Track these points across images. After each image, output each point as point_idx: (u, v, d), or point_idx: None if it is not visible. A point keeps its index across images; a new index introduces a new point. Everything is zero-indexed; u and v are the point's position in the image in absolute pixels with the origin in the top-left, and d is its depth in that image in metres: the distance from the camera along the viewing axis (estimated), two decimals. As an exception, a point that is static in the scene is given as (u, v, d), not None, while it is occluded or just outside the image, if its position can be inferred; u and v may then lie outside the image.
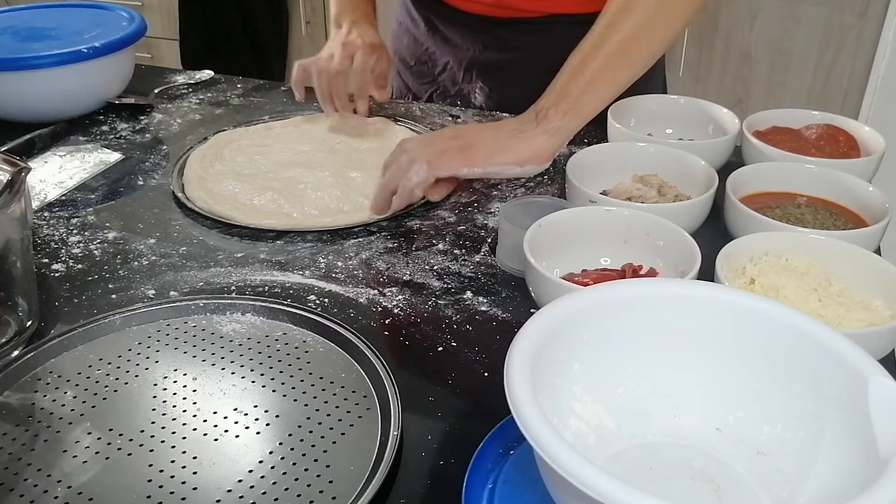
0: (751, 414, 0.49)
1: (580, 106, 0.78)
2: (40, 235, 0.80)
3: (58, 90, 1.02)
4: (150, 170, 0.94)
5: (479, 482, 0.50)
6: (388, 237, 0.80)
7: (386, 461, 0.51)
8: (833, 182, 0.79)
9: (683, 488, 0.47)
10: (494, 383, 0.60)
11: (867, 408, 0.41)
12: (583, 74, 0.77)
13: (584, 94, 0.77)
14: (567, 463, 0.36)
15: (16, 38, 1.07)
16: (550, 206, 0.74)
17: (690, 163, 0.82)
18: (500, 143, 0.79)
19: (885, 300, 0.63)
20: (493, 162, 0.78)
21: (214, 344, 0.63)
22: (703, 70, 2.20)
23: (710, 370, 0.50)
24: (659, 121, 0.97)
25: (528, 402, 0.39)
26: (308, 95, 1.06)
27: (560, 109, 0.77)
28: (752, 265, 0.67)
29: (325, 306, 0.69)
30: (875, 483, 0.37)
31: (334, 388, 0.59)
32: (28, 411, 0.57)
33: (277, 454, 0.53)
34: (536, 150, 0.78)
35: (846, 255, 0.66)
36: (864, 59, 2.03)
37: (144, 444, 0.54)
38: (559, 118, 0.77)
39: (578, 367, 0.48)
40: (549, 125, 0.77)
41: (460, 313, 0.69)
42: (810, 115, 0.94)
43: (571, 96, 0.77)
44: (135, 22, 1.10)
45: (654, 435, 0.50)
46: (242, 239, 0.80)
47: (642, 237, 0.71)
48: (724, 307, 0.49)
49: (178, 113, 1.09)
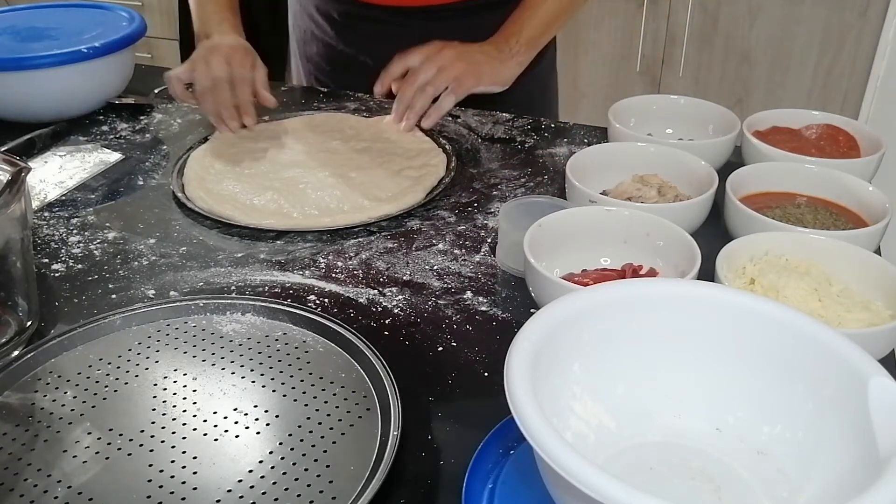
0: (751, 414, 0.49)
1: (538, 44, 1.02)
2: (40, 235, 0.80)
3: (58, 90, 1.02)
4: (150, 170, 0.94)
5: (479, 482, 0.50)
6: (388, 237, 0.80)
7: (386, 461, 0.51)
8: (833, 182, 0.79)
9: (683, 488, 0.47)
10: (494, 383, 0.60)
11: (867, 408, 0.41)
12: (539, 18, 1.01)
13: (542, 35, 1.02)
14: (567, 463, 0.36)
15: (16, 38, 1.07)
16: (550, 206, 0.74)
17: (690, 163, 0.82)
18: (492, 65, 0.98)
19: (885, 300, 0.63)
20: (490, 81, 0.98)
21: (214, 344, 0.63)
22: (703, 70, 2.20)
23: (711, 370, 0.50)
24: (659, 121, 0.97)
25: (528, 402, 0.39)
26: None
27: (528, 47, 1.00)
28: (752, 265, 0.67)
29: (325, 306, 0.69)
30: (875, 483, 0.37)
31: (334, 388, 0.59)
32: (28, 411, 0.57)
33: (277, 454, 0.53)
34: (512, 75, 1.00)
35: (846, 255, 0.66)
36: (864, 59, 2.03)
37: (144, 444, 0.54)
38: (525, 54, 1.00)
39: (578, 367, 0.48)
40: (520, 57, 1.00)
41: (460, 313, 0.69)
42: (810, 115, 0.94)
43: (534, 37, 1.01)
44: (135, 22, 1.10)
45: (654, 435, 0.50)
46: (242, 239, 0.80)
47: (642, 237, 0.71)
48: (724, 307, 0.49)
49: (178, 113, 1.09)
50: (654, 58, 2.23)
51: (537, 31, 1.00)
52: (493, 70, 0.97)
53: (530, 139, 1.01)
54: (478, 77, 0.96)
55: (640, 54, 2.23)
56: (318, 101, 1.13)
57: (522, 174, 0.93)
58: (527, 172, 0.93)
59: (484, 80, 0.96)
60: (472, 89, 0.96)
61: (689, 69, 2.22)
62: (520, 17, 1.01)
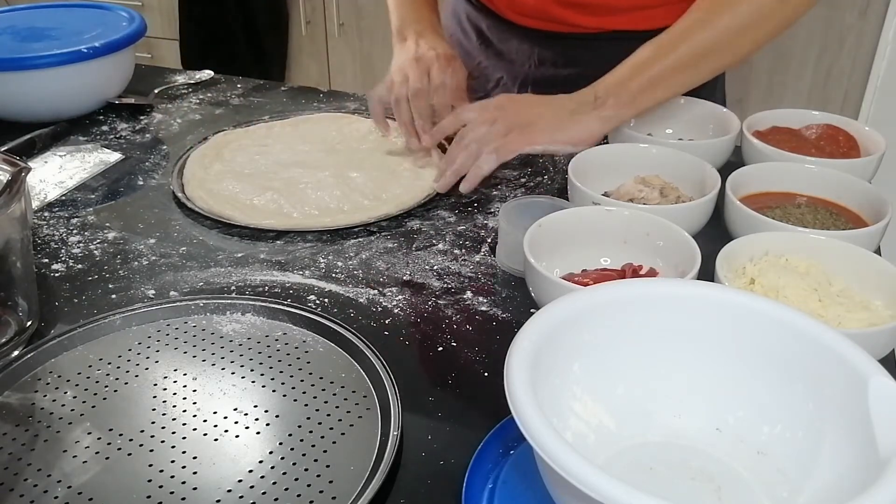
0: (751, 414, 0.49)
1: (638, 102, 0.83)
2: (40, 235, 0.80)
3: (58, 90, 1.02)
4: (150, 170, 0.94)
5: (479, 482, 0.50)
6: (388, 237, 0.80)
7: (386, 461, 0.51)
8: (833, 182, 0.79)
9: (683, 488, 0.47)
10: (494, 383, 0.60)
11: (867, 408, 0.41)
12: (648, 72, 0.82)
13: (645, 91, 0.82)
14: (567, 463, 0.36)
15: (16, 38, 1.07)
16: (550, 206, 0.74)
17: (692, 164, 0.82)
18: (559, 122, 0.83)
19: (885, 300, 0.63)
20: (552, 140, 0.83)
21: (214, 344, 0.63)
22: (703, 70, 2.20)
23: (711, 370, 0.50)
24: (659, 121, 0.97)
25: (528, 402, 0.39)
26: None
27: (620, 100, 0.82)
28: (752, 265, 0.67)
29: (325, 306, 0.69)
30: (875, 483, 0.37)
31: (334, 388, 0.59)
32: (28, 411, 0.57)
33: (277, 454, 0.53)
34: (591, 133, 0.83)
35: (846, 255, 0.66)
36: (864, 59, 2.03)
37: (144, 444, 0.54)
38: (616, 108, 0.82)
39: (578, 367, 0.48)
40: (605, 112, 0.82)
41: (460, 313, 0.69)
42: (810, 115, 0.93)
43: (632, 91, 0.82)
44: (135, 22, 1.10)
45: (654, 435, 0.50)
46: (242, 239, 0.80)
47: (642, 237, 0.71)
48: (725, 307, 0.49)
49: (178, 113, 1.09)
50: (654, 58, 2.23)
51: (637, 87, 0.82)
52: (558, 127, 0.82)
53: (530, 139, 1.01)
54: (530, 137, 0.82)
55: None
56: (318, 101, 1.13)
57: (522, 174, 0.93)
58: (527, 172, 0.93)
59: (539, 139, 0.82)
60: (522, 150, 0.83)
61: (689, 69, 2.21)
62: (626, 65, 0.83)
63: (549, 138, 0.82)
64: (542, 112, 0.84)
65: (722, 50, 0.83)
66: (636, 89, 0.82)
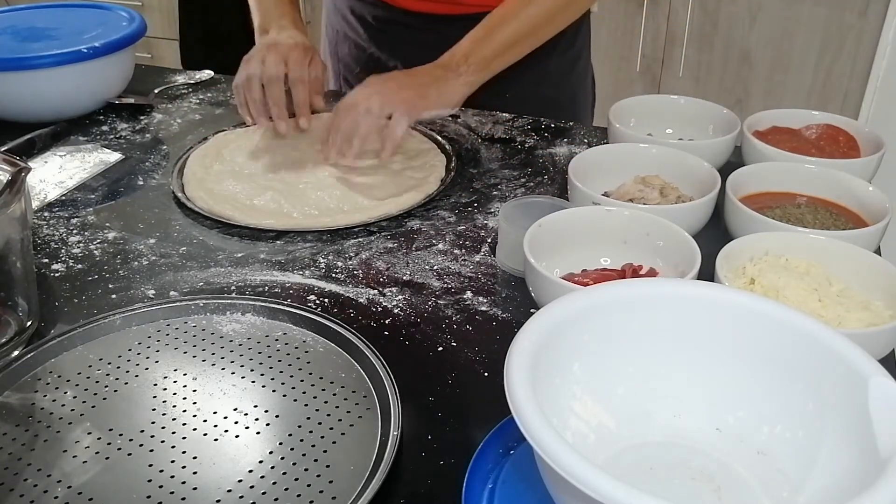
0: (751, 414, 0.49)
1: (492, 67, 0.95)
2: (40, 235, 0.80)
3: (58, 90, 1.02)
4: (150, 170, 0.94)
5: (479, 482, 0.50)
6: (388, 237, 0.80)
7: (386, 461, 0.51)
8: (833, 182, 0.79)
9: (683, 488, 0.47)
10: (494, 383, 0.60)
11: (867, 408, 0.41)
12: (495, 39, 0.93)
13: (496, 58, 0.94)
14: (567, 463, 0.36)
15: (16, 38, 1.07)
16: (550, 206, 0.74)
17: (692, 164, 0.82)
18: (440, 89, 0.92)
19: (885, 300, 0.63)
20: (439, 104, 0.92)
21: (214, 344, 0.63)
22: (703, 70, 2.20)
23: (710, 370, 0.50)
24: (659, 121, 0.97)
25: (528, 402, 0.39)
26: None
27: (478, 67, 0.93)
28: (752, 265, 0.67)
29: (325, 306, 0.69)
30: (875, 483, 0.37)
31: (334, 388, 0.59)
32: (28, 411, 0.57)
33: (277, 454, 0.53)
34: (460, 97, 0.94)
35: (846, 255, 0.66)
36: (864, 59, 2.03)
37: (144, 444, 0.54)
38: (475, 74, 0.93)
39: (578, 367, 0.48)
40: (468, 78, 0.93)
41: (460, 313, 0.69)
42: (810, 115, 0.94)
43: (486, 59, 0.93)
44: (135, 22, 1.10)
45: (654, 435, 0.50)
46: (242, 239, 0.80)
47: (642, 237, 0.71)
48: (724, 307, 0.49)
49: (178, 113, 1.09)
50: (654, 58, 2.23)
51: (491, 53, 0.93)
52: (440, 92, 0.91)
53: (530, 139, 1.01)
54: (426, 100, 0.89)
55: (640, 54, 2.23)
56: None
57: (522, 174, 0.93)
58: (527, 172, 0.93)
59: (431, 103, 0.90)
60: (423, 112, 0.90)
61: (689, 69, 2.22)
62: (475, 35, 0.93)
63: (436, 104, 0.91)
64: (427, 81, 0.91)
65: (555, 19, 0.97)
66: (489, 57, 0.93)
